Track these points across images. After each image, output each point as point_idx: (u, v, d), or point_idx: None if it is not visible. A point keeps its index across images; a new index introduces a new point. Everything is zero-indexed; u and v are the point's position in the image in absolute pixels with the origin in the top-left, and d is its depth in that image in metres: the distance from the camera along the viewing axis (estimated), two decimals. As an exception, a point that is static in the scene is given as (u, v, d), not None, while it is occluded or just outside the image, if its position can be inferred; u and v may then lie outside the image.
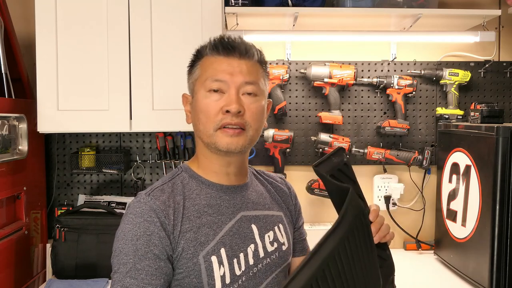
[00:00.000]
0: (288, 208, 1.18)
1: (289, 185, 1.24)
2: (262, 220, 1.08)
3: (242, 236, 1.02)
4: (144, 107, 1.73)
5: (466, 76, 2.09)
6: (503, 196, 1.53)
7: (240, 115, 1.00)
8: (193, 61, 1.09)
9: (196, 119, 1.04)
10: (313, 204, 2.16)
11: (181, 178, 1.05)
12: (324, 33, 2.00)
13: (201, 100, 1.02)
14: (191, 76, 1.08)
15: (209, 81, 1.01)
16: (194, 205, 1.00)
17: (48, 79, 1.70)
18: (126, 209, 1.00)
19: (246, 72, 1.02)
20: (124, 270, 0.91)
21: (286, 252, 1.11)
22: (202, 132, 1.03)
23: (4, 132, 1.63)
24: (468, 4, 2.11)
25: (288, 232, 1.14)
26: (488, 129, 1.59)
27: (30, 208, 1.84)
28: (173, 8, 1.73)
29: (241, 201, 1.06)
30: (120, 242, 0.94)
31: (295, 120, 2.13)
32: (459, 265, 1.77)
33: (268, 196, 1.14)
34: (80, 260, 1.75)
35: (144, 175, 2.10)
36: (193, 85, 1.06)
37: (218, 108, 1.00)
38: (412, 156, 2.08)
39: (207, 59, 1.05)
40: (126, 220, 0.96)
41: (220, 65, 1.02)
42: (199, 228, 0.97)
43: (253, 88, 1.02)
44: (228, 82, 1.01)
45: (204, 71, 1.03)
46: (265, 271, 1.04)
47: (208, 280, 0.95)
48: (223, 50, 1.02)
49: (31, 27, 1.76)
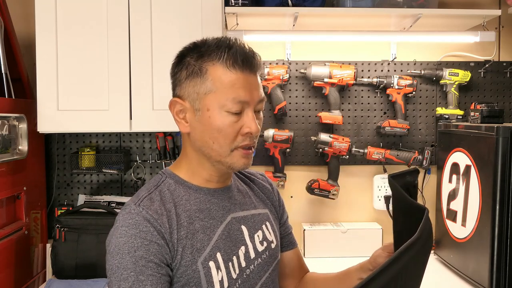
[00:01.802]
0: (272, 204, 1.18)
1: (270, 181, 1.23)
2: (250, 220, 1.07)
3: (233, 238, 1.01)
4: (144, 107, 1.73)
5: (466, 76, 2.09)
6: (503, 196, 1.53)
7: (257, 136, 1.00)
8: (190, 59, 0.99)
9: (207, 136, 0.98)
10: (313, 204, 2.16)
11: (167, 185, 1.01)
12: (324, 33, 2.00)
13: (218, 119, 0.96)
14: (194, 84, 0.98)
15: (230, 103, 0.95)
16: (185, 211, 0.98)
17: (48, 79, 1.70)
18: (115, 222, 0.94)
19: (258, 88, 0.99)
20: (127, 285, 0.87)
21: (275, 249, 1.11)
22: (215, 151, 0.98)
23: (4, 132, 1.63)
24: (468, 4, 2.11)
25: (275, 229, 1.14)
26: (488, 129, 1.59)
27: (30, 208, 1.84)
28: (173, 8, 1.73)
29: (229, 203, 1.05)
30: (115, 258, 0.89)
31: (295, 120, 2.13)
32: (459, 265, 1.77)
33: (253, 195, 1.14)
34: (80, 260, 1.75)
35: (144, 175, 2.10)
36: (201, 97, 0.97)
37: (238, 129, 0.97)
38: (412, 156, 2.08)
39: (220, 70, 0.96)
40: (119, 234, 0.91)
41: (239, 83, 0.96)
42: (193, 235, 0.96)
43: (262, 105, 1.01)
44: (249, 102, 0.97)
45: (222, 87, 0.95)
46: (258, 272, 1.04)
47: (208, 286, 0.94)
48: (241, 64, 0.96)
49: (31, 27, 1.76)
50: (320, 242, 2.03)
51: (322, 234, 2.03)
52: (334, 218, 2.17)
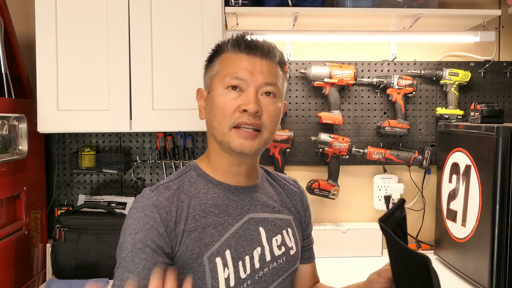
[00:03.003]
0: (298, 212, 1.16)
1: (302, 189, 1.21)
2: (270, 223, 1.05)
3: (249, 238, 1.01)
4: (144, 107, 1.73)
5: (466, 76, 2.09)
6: (503, 196, 1.53)
7: (257, 116, 0.98)
8: (211, 56, 1.06)
9: (211, 115, 1.02)
10: (313, 204, 2.12)
11: (189, 177, 1.04)
12: (324, 33, 2.00)
13: (218, 97, 1.00)
14: (208, 71, 1.05)
15: (228, 78, 0.99)
16: (200, 204, 0.99)
17: (48, 79, 1.70)
18: (132, 204, 1.00)
19: (266, 73, 1.00)
20: (124, 264, 0.91)
21: (294, 256, 1.09)
22: (216, 129, 1.01)
23: (4, 132, 1.63)
24: (468, 4, 2.11)
25: (297, 236, 1.11)
26: (488, 129, 1.59)
27: (30, 208, 1.84)
28: (173, 8, 1.73)
29: (250, 203, 1.04)
30: (122, 236, 0.95)
31: (295, 120, 2.13)
32: (459, 265, 1.77)
33: (278, 199, 1.12)
34: (80, 260, 1.75)
35: (144, 175, 2.10)
36: (211, 81, 1.04)
37: (236, 106, 0.98)
38: (412, 156, 2.08)
39: (227, 56, 1.02)
40: (129, 215, 0.96)
41: (241, 63, 1.00)
42: (204, 229, 0.96)
43: (272, 88, 1.00)
44: (248, 81, 0.98)
45: (224, 67, 1.01)
46: (272, 276, 1.02)
47: (212, 282, 0.94)
48: (246, 48, 1.01)
49: (31, 27, 1.76)
50: (320, 242, 2.00)
51: (322, 234, 2.03)
52: (334, 218, 2.17)
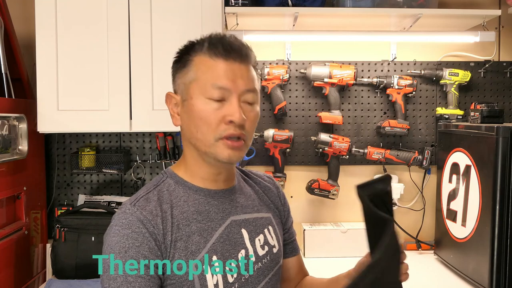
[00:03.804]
0: (277, 208, 1.16)
1: (277, 185, 1.21)
2: (251, 224, 1.05)
3: (233, 242, 1.00)
4: (144, 107, 1.73)
5: (466, 76, 2.09)
6: (503, 196, 1.53)
7: (241, 125, 0.96)
8: (183, 53, 1.01)
9: (191, 125, 0.98)
10: (313, 204, 2.16)
11: (167, 185, 1.01)
12: (324, 33, 2.00)
13: (200, 106, 0.96)
14: (181, 75, 1.00)
15: (210, 88, 0.95)
16: (182, 212, 0.97)
17: (48, 79, 1.70)
18: (111, 220, 0.94)
19: (246, 78, 0.97)
20: (115, 285, 0.87)
21: (277, 254, 1.09)
22: (200, 140, 0.97)
23: (4, 132, 1.63)
24: (468, 4, 2.11)
25: (278, 233, 1.12)
26: (488, 129, 1.59)
27: (30, 208, 1.84)
28: (173, 8, 1.73)
29: (230, 205, 1.03)
30: (106, 257, 0.90)
31: (295, 120, 2.13)
32: (459, 265, 1.77)
33: (257, 198, 1.12)
34: (80, 260, 1.75)
35: (144, 175, 2.10)
36: (186, 88, 0.99)
37: (220, 117, 0.95)
38: (412, 156, 2.08)
39: (203, 60, 0.97)
40: (112, 233, 0.91)
41: (220, 70, 0.96)
42: (189, 237, 0.94)
43: (253, 96, 0.99)
44: (230, 89, 0.95)
45: (202, 74, 0.97)
46: (258, 276, 1.02)
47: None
48: (223, 52, 0.96)
49: (31, 27, 1.76)
50: (320, 242, 2.03)
51: (322, 234, 2.03)
52: (334, 218, 2.17)
